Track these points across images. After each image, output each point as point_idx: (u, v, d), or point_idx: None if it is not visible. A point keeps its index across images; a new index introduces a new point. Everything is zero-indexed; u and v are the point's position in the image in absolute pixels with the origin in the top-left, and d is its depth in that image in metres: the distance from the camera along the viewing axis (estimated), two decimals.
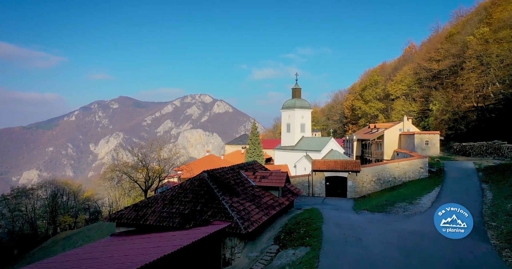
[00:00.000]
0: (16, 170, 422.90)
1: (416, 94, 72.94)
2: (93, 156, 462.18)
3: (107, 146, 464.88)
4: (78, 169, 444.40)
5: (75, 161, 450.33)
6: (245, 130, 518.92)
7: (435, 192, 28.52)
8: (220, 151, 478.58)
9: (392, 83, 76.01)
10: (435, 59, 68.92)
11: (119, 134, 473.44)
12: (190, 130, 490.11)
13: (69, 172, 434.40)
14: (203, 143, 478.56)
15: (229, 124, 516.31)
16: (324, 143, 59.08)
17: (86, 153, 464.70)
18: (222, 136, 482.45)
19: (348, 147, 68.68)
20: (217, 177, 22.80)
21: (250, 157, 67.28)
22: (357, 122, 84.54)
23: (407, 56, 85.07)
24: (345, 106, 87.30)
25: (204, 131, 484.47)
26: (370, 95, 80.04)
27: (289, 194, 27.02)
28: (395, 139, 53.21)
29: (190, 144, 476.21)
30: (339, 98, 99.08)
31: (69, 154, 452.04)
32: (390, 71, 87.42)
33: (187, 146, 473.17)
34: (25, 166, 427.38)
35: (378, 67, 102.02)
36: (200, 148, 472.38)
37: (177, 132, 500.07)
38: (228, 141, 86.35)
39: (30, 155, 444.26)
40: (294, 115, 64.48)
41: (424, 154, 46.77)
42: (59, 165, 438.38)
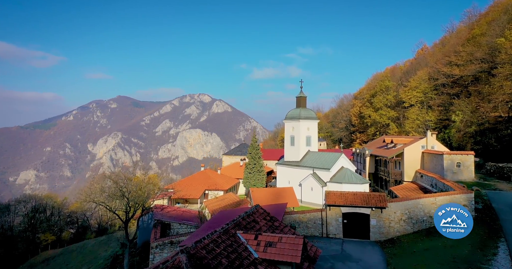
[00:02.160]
0: (13, 170, 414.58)
1: (433, 102, 65.14)
2: (91, 156, 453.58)
3: (105, 146, 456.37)
4: (76, 169, 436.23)
5: (73, 161, 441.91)
6: (244, 130, 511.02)
7: (503, 252, 20.75)
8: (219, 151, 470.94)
9: (406, 89, 68.17)
10: (455, 63, 61.09)
11: (117, 134, 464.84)
12: (189, 130, 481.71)
13: (66, 172, 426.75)
14: (202, 142, 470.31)
15: (228, 124, 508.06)
16: (334, 160, 51.28)
17: (84, 153, 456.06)
18: (221, 135, 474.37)
19: (359, 162, 60.94)
20: (201, 261, 14.91)
21: (249, 173, 59.49)
22: (366, 131, 76.86)
23: (420, 59, 77.20)
24: (352, 114, 79.39)
25: (203, 131, 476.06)
26: (381, 103, 72.26)
27: (305, 260, 19.25)
28: (416, 158, 45.52)
29: (189, 143, 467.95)
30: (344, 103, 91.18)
31: (67, 154, 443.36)
32: (401, 75, 79.59)
33: (186, 146, 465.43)
34: (23, 166, 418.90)
35: (387, 70, 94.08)
36: (199, 148, 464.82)
37: (176, 132, 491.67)
38: (226, 151, 78.46)
39: (28, 155, 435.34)
40: (299, 127, 56.64)
41: (455, 178, 39.09)
42: (57, 165, 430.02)
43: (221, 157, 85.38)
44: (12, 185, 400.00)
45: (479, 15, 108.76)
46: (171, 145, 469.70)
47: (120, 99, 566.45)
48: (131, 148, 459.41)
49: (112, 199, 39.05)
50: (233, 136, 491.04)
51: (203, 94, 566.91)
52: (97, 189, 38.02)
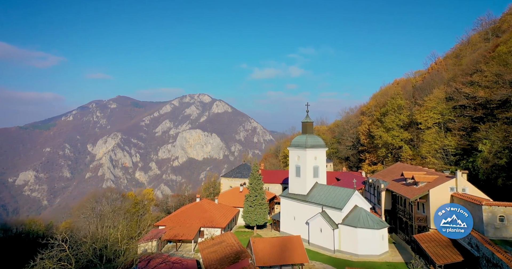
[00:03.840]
0: (13, 171, 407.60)
1: (453, 125, 58.21)
2: (90, 157, 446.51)
3: (104, 147, 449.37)
4: (76, 170, 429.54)
5: (72, 161, 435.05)
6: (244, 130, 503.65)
7: None
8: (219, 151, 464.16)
9: (421, 109, 61.22)
10: (478, 83, 54.14)
11: (117, 134, 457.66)
12: (189, 130, 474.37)
13: (66, 173, 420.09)
14: (202, 143, 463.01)
15: (228, 125, 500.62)
16: (346, 198, 44.48)
17: (84, 154, 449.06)
18: (221, 136, 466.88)
19: (372, 193, 54.09)
20: None
21: (250, 206, 52.67)
22: (376, 151, 70.04)
23: (434, 74, 70.18)
24: (361, 132, 72.31)
25: (203, 132, 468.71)
26: (393, 123, 65.35)
27: None
28: (445, 201, 38.69)
29: (189, 144, 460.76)
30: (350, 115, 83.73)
31: (66, 155, 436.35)
32: (412, 90, 72.56)
33: (185, 147, 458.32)
34: (22, 167, 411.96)
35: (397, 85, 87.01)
36: (199, 148, 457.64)
37: (176, 132, 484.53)
38: (225, 173, 71.80)
39: (27, 156, 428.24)
40: (306, 156, 49.76)
41: (498, 235, 32.31)
42: (56, 165, 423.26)
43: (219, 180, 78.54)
44: (12, 186, 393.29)
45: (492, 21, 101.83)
46: (171, 145, 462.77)
47: (120, 100, 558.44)
48: (131, 149, 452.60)
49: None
50: (233, 137, 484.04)
51: (203, 95, 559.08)
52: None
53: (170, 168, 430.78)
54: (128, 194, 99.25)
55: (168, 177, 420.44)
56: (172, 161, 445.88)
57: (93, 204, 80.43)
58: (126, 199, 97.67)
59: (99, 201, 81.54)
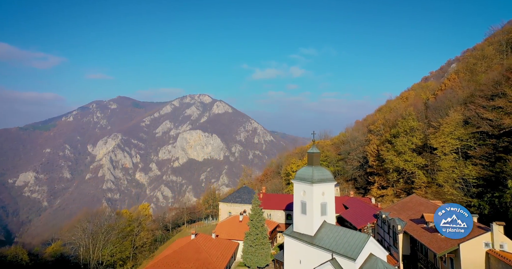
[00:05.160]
0: (13, 172, 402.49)
1: (474, 153, 52.20)
2: (91, 157, 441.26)
3: (105, 147, 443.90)
4: (76, 171, 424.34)
5: (73, 162, 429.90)
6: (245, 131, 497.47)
7: None
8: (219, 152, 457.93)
9: (438, 134, 55.17)
10: (505, 111, 48.10)
11: (117, 135, 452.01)
12: (189, 131, 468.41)
13: (66, 174, 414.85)
14: (202, 144, 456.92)
15: (228, 125, 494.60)
16: (360, 244, 38.52)
17: (84, 154, 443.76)
18: (221, 136, 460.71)
19: (386, 231, 48.21)
20: None
21: (250, 246, 46.82)
22: (386, 175, 64.15)
23: (448, 92, 64.08)
24: (369, 152, 66.16)
25: (203, 132, 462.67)
26: (405, 146, 59.36)
27: None
28: (479, 258, 32.91)
29: (189, 145, 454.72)
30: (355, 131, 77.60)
31: (66, 155, 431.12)
32: (424, 108, 66.49)
33: (186, 147, 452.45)
34: (22, 167, 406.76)
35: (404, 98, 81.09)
36: (199, 149, 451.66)
37: (176, 133, 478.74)
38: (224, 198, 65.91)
39: (27, 157, 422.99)
40: (312, 192, 43.75)
41: None
42: (56, 166, 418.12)
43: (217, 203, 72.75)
44: (11, 187, 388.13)
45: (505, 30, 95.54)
46: (171, 146, 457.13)
47: (120, 100, 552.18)
48: (131, 149, 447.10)
49: None
50: (234, 137, 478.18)
51: (203, 95, 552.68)
52: None
53: (170, 169, 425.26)
54: (122, 211, 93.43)
55: (168, 178, 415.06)
56: (172, 161, 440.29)
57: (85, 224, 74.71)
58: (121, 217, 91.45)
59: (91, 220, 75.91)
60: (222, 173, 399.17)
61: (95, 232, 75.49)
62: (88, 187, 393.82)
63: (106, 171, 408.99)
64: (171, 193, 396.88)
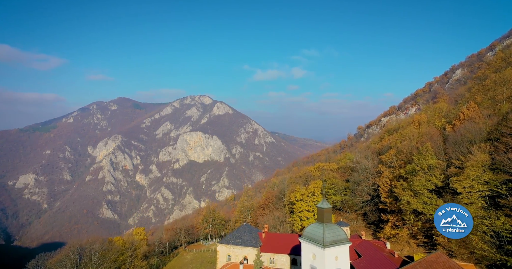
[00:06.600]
0: (13, 174, 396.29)
1: (505, 201, 45.42)
2: (91, 159, 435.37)
3: (105, 149, 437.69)
4: (76, 173, 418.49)
5: (73, 164, 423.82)
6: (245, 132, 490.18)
7: None
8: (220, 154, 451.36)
9: (462, 177, 48.34)
10: None
11: (117, 136, 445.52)
12: (189, 132, 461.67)
13: (66, 176, 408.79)
14: (203, 145, 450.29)
15: (229, 127, 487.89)
16: None
17: (84, 156, 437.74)
18: (222, 138, 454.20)
19: None
20: None
21: None
22: (401, 213, 57.66)
23: (468, 125, 57.09)
24: (381, 187, 59.32)
25: (203, 134, 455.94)
26: (423, 187, 52.72)
27: None
28: None
29: (189, 146, 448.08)
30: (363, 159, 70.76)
31: (66, 157, 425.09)
32: (442, 142, 59.58)
33: (186, 149, 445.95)
34: (22, 169, 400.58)
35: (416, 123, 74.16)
36: (200, 150, 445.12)
37: (176, 134, 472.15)
38: (222, 239, 59.34)
39: (27, 158, 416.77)
40: (324, 257, 36.84)
41: None
42: (56, 168, 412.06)
43: (215, 245, 66.24)
44: (11, 189, 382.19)
45: None
46: (172, 147, 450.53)
47: (120, 101, 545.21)
48: (131, 151, 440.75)
49: None
50: (234, 139, 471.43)
51: (204, 96, 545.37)
52: None
53: (170, 171, 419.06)
54: (115, 239, 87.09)
55: (168, 180, 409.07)
56: (172, 163, 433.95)
57: (75, 256, 68.95)
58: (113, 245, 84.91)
59: (80, 252, 69.88)
60: (222, 175, 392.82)
61: (85, 264, 69.31)
62: (88, 189, 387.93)
63: (106, 173, 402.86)
64: (171, 195, 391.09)
